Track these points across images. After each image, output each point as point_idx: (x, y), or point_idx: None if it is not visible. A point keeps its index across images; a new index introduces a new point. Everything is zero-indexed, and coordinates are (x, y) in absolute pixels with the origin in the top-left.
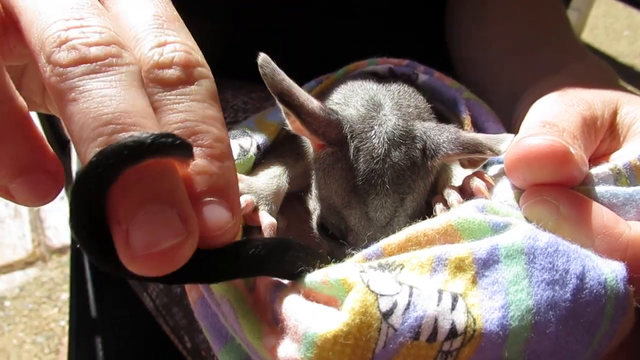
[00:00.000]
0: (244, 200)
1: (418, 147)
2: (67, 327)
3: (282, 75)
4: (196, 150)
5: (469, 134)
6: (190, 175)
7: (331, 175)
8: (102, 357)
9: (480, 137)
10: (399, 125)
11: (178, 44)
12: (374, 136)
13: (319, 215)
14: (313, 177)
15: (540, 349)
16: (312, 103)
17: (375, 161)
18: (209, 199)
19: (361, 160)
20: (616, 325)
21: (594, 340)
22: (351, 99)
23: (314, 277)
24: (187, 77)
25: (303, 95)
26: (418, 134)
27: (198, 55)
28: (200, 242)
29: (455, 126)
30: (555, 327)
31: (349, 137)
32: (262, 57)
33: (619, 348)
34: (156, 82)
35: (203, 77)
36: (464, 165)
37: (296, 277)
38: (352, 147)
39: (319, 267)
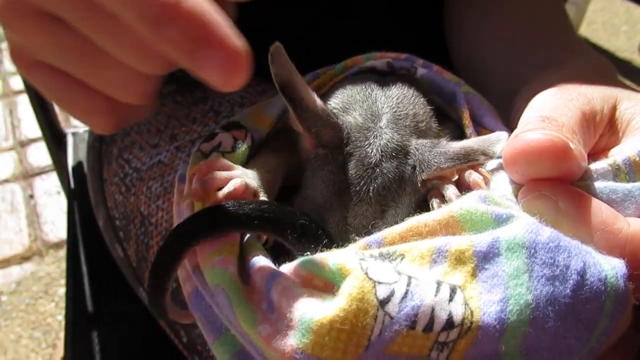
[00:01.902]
0: (238, 182)
1: (409, 162)
2: (64, 322)
3: (291, 67)
4: None
5: (459, 143)
6: None
7: (319, 176)
8: (99, 352)
9: (472, 142)
10: (394, 139)
11: None
12: (367, 145)
13: None
14: (304, 174)
15: (537, 344)
16: (313, 101)
17: (364, 168)
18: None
19: (351, 165)
20: (615, 323)
21: (592, 337)
22: (350, 106)
23: (314, 260)
24: None
25: (306, 91)
26: (411, 151)
27: None
28: None
29: (447, 139)
30: (553, 322)
31: (344, 142)
32: (276, 46)
33: (613, 347)
34: None
35: None
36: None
37: (302, 254)
38: (345, 152)
39: (321, 251)
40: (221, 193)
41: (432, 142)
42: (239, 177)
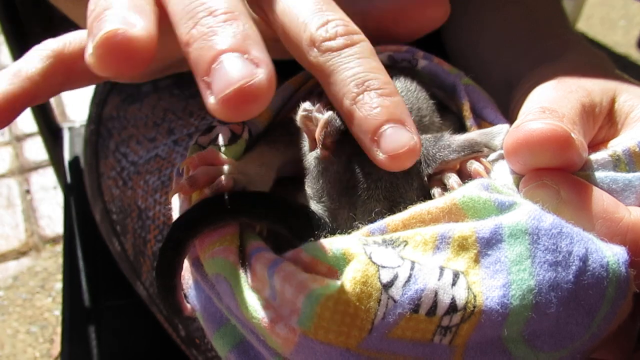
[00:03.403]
0: (226, 179)
1: None
2: (61, 317)
3: None
4: (370, 94)
5: (462, 136)
6: (367, 113)
7: (325, 176)
8: (96, 347)
9: (475, 135)
10: None
11: (337, 20)
12: None
13: None
14: (306, 174)
15: (540, 329)
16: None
17: (371, 166)
18: (389, 125)
19: (357, 163)
20: (616, 309)
21: (594, 323)
22: None
23: (317, 245)
24: (350, 42)
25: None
26: None
27: (353, 25)
28: (389, 164)
29: (449, 132)
30: (556, 308)
31: (348, 140)
32: None
33: (612, 340)
34: (329, 51)
35: (361, 41)
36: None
37: (304, 241)
38: (350, 151)
39: (324, 237)
40: (207, 190)
41: (435, 137)
42: (228, 174)
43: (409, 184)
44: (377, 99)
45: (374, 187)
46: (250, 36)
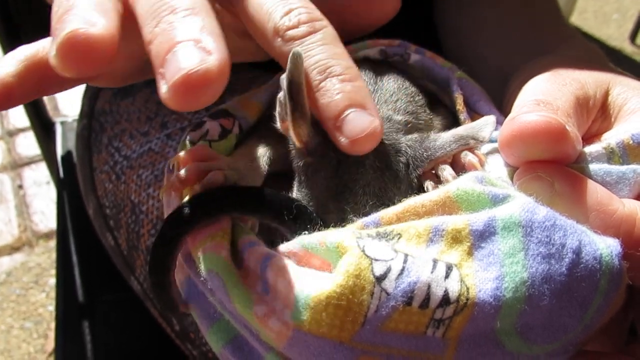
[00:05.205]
0: (216, 174)
1: (402, 160)
2: (55, 313)
3: (303, 76)
4: (332, 80)
5: (448, 133)
6: (329, 99)
7: (313, 181)
8: (90, 342)
9: (461, 130)
10: (388, 137)
11: (300, 7)
12: None
13: None
14: (294, 179)
15: (532, 321)
16: (308, 112)
17: (359, 170)
18: (350, 110)
19: (346, 168)
20: (609, 301)
21: (586, 315)
22: None
23: (311, 239)
24: (313, 30)
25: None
26: (402, 148)
27: (317, 12)
28: (350, 148)
29: (434, 131)
30: (549, 300)
31: (334, 146)
32: (300, 52)
33: (604, 332)
34: (292, 39)
35: (324, 27)
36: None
37: (296, 235)
38: (337, 155)
39: (317, 231)
40: (198, 186)
41: (421, 136)
42: (218, 169)
43: (397, 187)
44: (338, 84)
45: (362, 192)
46: (206, 27)
